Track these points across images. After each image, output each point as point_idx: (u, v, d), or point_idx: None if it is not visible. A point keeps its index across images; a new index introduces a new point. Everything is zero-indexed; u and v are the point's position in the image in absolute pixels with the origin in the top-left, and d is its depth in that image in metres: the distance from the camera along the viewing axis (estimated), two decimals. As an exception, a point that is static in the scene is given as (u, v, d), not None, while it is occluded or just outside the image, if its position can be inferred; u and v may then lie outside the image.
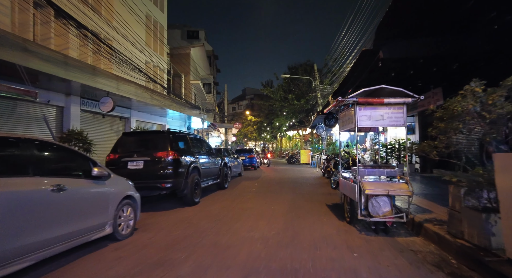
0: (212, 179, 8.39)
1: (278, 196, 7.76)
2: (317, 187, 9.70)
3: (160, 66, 17.79)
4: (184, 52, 21.71)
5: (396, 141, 13.56)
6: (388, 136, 17.10)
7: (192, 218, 5.37)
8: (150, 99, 12.55)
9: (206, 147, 8.47)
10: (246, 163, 17.52)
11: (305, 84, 26.97)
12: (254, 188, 9.56)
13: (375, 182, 4.36)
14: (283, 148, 41.65)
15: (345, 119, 5.24)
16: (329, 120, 15.10)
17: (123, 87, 10.63)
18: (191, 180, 6.50)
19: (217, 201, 7.12)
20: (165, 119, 18.08)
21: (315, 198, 7.46)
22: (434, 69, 6.00)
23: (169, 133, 6.39)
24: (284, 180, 11.93)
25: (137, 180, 5.81)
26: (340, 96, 4.42)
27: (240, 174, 13.84)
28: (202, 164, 7.45)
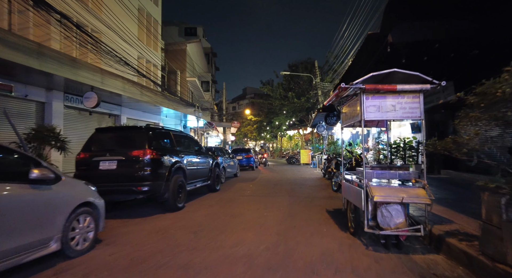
0: (201, 181, 7.64)
1: (273, 200, 6.99)
2: (317, 189, 8.93)
3: (153, 62, 17.05)
4: (180, 48, 20.97)
5: (401, 140, 12.77)
6: (392, 135, 16.31)
7: (170, 228, 4.61)
8: (139, 95, 11.82)
9: (195, 146, 7.71)
10: (243, 163, 16.77)
11: (305, 82, 26.19)
12: (249, 190, 8.79)
13: (386, 186, 3.59)
14: (283, 148, 40.87)
15: (348, 112, 4.47)
16: (330, 118, 14.32)
17: (109, 82, 9.89)
18: (174, 183, 5.74)
19: (204, 206, 6.35)
20: (159, 117, 17.35)
21: (314, 202, 6.69)
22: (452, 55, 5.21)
23: (148, 129, 5.63)
24: (282, 181, 11.16)
25: (109, 183, 5.07)
26: (343, 83, 3.65)
27: (236, 175, 13.08)
28: (189, 164, 6.69)
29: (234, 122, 26.09)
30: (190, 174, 6.76)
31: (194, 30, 30.39)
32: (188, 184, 6.70)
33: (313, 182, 10.95)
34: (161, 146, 5.81)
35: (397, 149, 12.29)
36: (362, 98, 3.65)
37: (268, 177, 13.02)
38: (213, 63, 33.28)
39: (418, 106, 3.61)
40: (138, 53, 15.31)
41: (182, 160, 6.36)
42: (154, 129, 5.85)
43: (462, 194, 6.44)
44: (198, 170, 7.33)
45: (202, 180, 7.71)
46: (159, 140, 5.83)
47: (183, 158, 6.47)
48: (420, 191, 3.45)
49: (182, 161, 6.35)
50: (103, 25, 11.32)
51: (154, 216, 5.44)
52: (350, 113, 4.30)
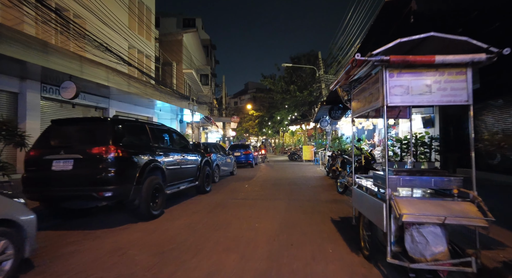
0: (187, 182, 6.66)
1: (269, 205, 5.99)
2: (320, 190, 7.92)
3: (146, 52, 16.01)
4: (175, 39, 19.89)
5: (413, 136, 11.67)
6: (400, 130, 15.19)
7: (134, 245, 3.63)
8: (126, 86, 10.82)
9: (180, 142, 6.71)
10: (242, 160, 15.79)
11: (308, 74, 25.02)
12: (243, 192, 7.80)
13: (417, 199, 2.56)
14: (285, 144, 39.83)
15: (362, 98, 3.43)
16: (334, 112, 13.22)
17: (90, 70, 8.89)
18: (148, 186, 4.76)
19: (186, 213, 5.37)
20: (153, 111, 16.39)
21: (316, 208, 5.68)
22: (491, 27, 4.13)
23: (114, 122, 4.63)
24: (282, 181, 10.15)
25: (63, 187, 4.10)
26: (358, 54, 2.61)
27: (232, 173, 12.10)
28: (170, 164, 5.70)
29: (234, 117, 25.04)
30: (172, 175, 5.77)
31: (192, 21, 29.23)
32: (169, 187, 5.72)
33: (316, 181, 9.93)
34: (132, 142, 4.82)
35: (408, 145, 11.17)
36: (384, 76, 2.60)
37: (267, 175, 12.02)
38: (212, 56, 32.15)
39: (464, 86, 2.55)
40: (128, 42, 14.28)
41: (160, 158, 5.37)
42: (122, 121, 4.84)
43: (497, 199, 5.39)
44: (183, 170, 6.35)
45: (188, 181, 6.73)
46: (129, 134, 4.84)
47: (162, 156, 5.47)
48: (467, 206, 2.41)
49: (160, 160, 5.35)
50: (86, 11, 10.30)
51: (122, 227, 4.47)
52: (365, 99, 3.26)
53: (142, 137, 5.20)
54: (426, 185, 2.70)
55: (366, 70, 2.90)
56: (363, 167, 6.41)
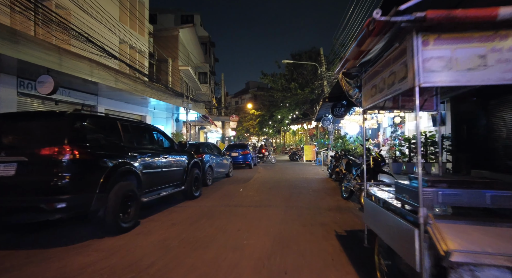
0: (171, 187, 5.85)
1: (263, 214, 5.18)
2: (322, 195, 7.10)
3: (138, 47, 15.24)
4: (171, 34, 19.10)
5: (422, 134, 10.82)
6: (406, 129, 14.32)
7: (78, 276, 2.83)
8: (113, 82, 10.03)
9: (161, 141, 5.90)
10: (240, 161, 14.98)
11: (309, 72, 24.16)
12: (237, 197, 6.99)
13: (469, 225, 1.74)
14: (286, 144, 39.00)
15: (378, 81, 2.60)
16: (337, 109, 12.34)
17: (70, 63, 8.12)
18: (116, 194, 3.96)
19: (164, 225, 4.56)
20: (146, 109, 15.63)
21: (318, 218, 4.86)
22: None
23: (73, 117, 3.82)
24: (280, 183, 9.33)
25: (3, 197, 3.31)
26: (378, 12, 1.79)
27: (228, 174, 11.29)
28: (147, 167, 4.91)
29: (233, 116, 24.23)
30: (150, 180, 4.98)
31: (190, 18, 28.44)
32: (147, 193, 4.93)
33: (317, 184, 9.11)
34: (96, 142, 4.02)
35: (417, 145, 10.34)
36: (415, 44, 1.78)
37: (265, 177, 11.20)
38: (211, 54, 31.34)
39: (536, 56, 1.72)
40: (119, 37, 13.51)
41: (134, 161, 4.57)
42: (85, 116, 4.04)
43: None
44: (165, 173, 5.54)
45: (173, 185, 5.92)
46: (93, 132, 4.04)
47: (138, 158, 4.67)
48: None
49: (135, 163, 4.56)
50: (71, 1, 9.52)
51: (82, 244, 3.67)
52: (383, 82, 2.44)
53: (111, 135, 4.40)
54: (477, 201, 1.87)
55: (386, 40, 2.08)
56: (372, 170, 5.58)
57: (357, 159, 6.79)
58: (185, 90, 21.33)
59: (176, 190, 6.05)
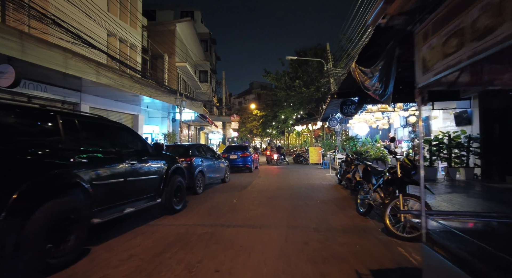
0: (142, 200, 4.61)
1: (256, 240, 3.90)
2: (333, 209, 5.80)
3: (130, 41, 14.11)
4: (168, 29, 17.97)
5: (444, 135, 9.43)
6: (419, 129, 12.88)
7: None
8: (94, 75, 8.87)
9: (128, 143, 4.65)
10: (239, 164, 13.71)
11: (315, 69, 22.84)
12: (227, 212, 5.72)
13: None
14: (290, 145, 37.64)
15: (458, 24, 1.32)
16: (347, 107, 10.99)
17: (36, 51, 6.97)
18: (42, 219, 2.74)
19: (115, 259, 3.29)
20: (139, 108, 14.46)
21: (331, 247, 3.57)
22: None
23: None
24: (282, 191, 8.04)
25: None
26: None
27: (224, 180, 10.02)
28: (102, 176, 3.68)
29: (233, 116, 22.97)
30: (107, 193, 3.75)
31: (191, 14, 27.35)
32: (103, 211, 3.69)
33: (326, 192, 7.79)
34: (11, 143, 2.79)
35: (439, 147, 8.98)
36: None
37: (265, 183, 9.91)
38: (212, 52, 30.21)
39: None
40: (107, 29, 12.39)
41: (80, 168, 3.34)
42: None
43: None
44: (132, 184, 4.30)
45: (144, 198, 4.68)
46: (7, 130, 2.82)
47: (86, 165, 3.44)
48: None
49: (80, 171, 3.33)
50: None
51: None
52: (470, 27, 1.15)
53: (43, 134, 3.18)
54: None
55: None
56: (399, 181, 4.27)
57: (377, 166, 5.48)
58: (183, 89, 20.18)
59: (150, 204, 4.80)
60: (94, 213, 3.55)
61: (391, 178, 4.45)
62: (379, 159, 10.27)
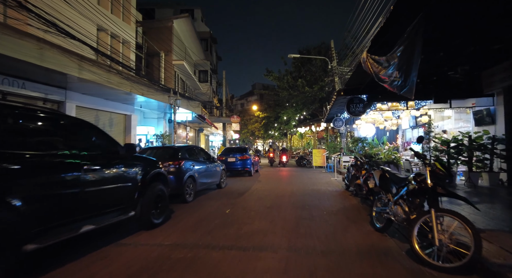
0: (107, 215, 3.72)
1: (247, 270, 2.99)
2: (343, 222, 4.86)
3: (123, 37, 13.32)
4: (164, 26, 17.19)
5: (464, 136, 8.45)
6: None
7: None
8: (76, 70, 8.05)
9: (91, 144, 3.77)
10: (238, 167, 12.81)
11: (319, 68, 21.94)
12: (216, 227, 4.81)
13: None
14: (293, 147, 36.68)
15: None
16: (354, 105, 10.07)
17: (3, 40, 6.16)
18: None
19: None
20: (132, 107, 13.63)
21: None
22: None
23: None
24: (284, 199, 7.12)
25: None
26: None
27: (220, 185, 9.11)
28: (43, 186, 2.81)
29: (233, 116, 22.06)
30: (50, 209, 2.87)
31: (190, 12, 26.60)
32: (46, 232, 2.81)
33: (333, 201, 6.86)
34: None
35: (459, 150, 8.08)
36: None
37: (265, 189, 8.99)
38: (213, 51, 29.44)
39: None
40: (97, 23, 11.60)
41: (5, 180, 2.47)
42: None
43: None
44: (92, 195, 3.42)
45: (112, 212, 3.78)
46: None
47: (17, 175, 2.57)
48: None
49: (5, 183, 2.45)
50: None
51: None
52: None
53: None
54: None
55: None
56: (430, 191, 3.33)
57: (397, 172, 4.55)
58: (181, 88, 19.37)
59: (120, 218, 3.91)
60: (32, 236, 2.66)
61: (419, 188, 3.52)
62: (391, 162, 9.32)
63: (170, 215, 5.37)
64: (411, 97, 4.31)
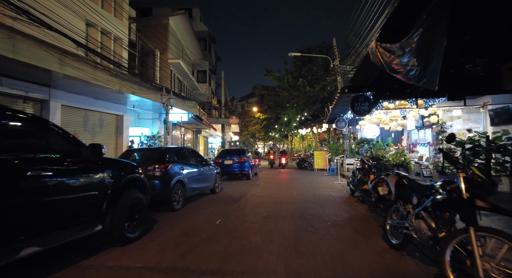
0: (67, 231, 3.03)
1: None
2: (352, 236, 4.15)
3: (114, 33, 12.68)
4: (160, 23, 16.56)
5: (481, 136, 7.72)
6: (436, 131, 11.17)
7: None
8: (56, 65, 7.40)
9: (39, 143, 3.08)
10: (235, 170, 12.10)
11: (320, 67, 21.26)
12: (201, 242, 4.11)
13: None
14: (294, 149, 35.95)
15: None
16: (359, 104, 9.33)
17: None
18: None
19: None
20: (124, 107, 12.99)
21: None
22: None
23: None
24: (283, 206, 6.41)
25: None
26: None
27: (214, 190, 8.40)
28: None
29: (232, 117, 21.36)
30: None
31: (189, 11, 26.05)
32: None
33: (338, 209, 6.13)
34: None
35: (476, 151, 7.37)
36: None
37: (263, 194, 8.27)
38: (212, 51, 28.81)
39: None
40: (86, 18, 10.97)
41: None
42: None
43: None
44: (38, 208, 2.73)
45: (70, 227, 3.09)
46: None
47: None
48: None
49: None
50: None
51: None
52: None
53: None
54: None
55: None
56: (465, 204, 2.62)
57: (419, 179, 3.84)
58: (178, 88, 18.73)
59: (81, 235, 3.21)
60: None
61: (449, 199, 2.81)
62: (400, 165, 8.59)
63: (151, 227, 4.68)
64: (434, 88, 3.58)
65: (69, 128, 9.89)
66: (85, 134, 10.99)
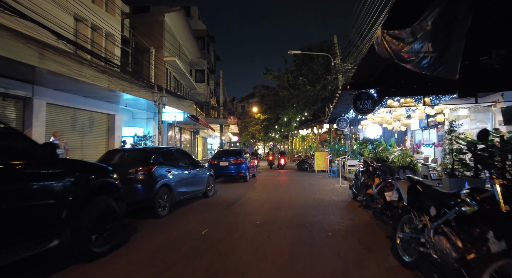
0: (16, 246, 2.47)
1: None
2: (356, 249, 3.58)
3: (106, 29, 12.16)
4: (155, 20, 16.06)
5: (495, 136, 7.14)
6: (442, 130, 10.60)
7: None
8: (35, 59, 6.88)
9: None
10: (232, 172, 11.53)
11: (321, 66, 20.72)
12: (181, 259, 3.54)
13: None
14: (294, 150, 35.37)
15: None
16: (362, 102, 8.74)
17: None
18: None
19: None
20: (117, 106, 12.45)
21: None
22: None
23: None
24: (280, 213, 5.84)
25: None
26: None
27: (207, 194, 7.83)
28: None
29: (230, 117, 20.79)
30: None
31: (187, 10, 25.57)
32: None
33: (340, 215, 5.55)
34: None
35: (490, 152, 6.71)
36: None
37: (259, 199, 7.70)
38: (211, 50, 28.30)
39: None
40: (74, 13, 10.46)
41: None
42: None
43: None
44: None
45: (12, 245, 2.53)
46: None
47: None
48: None
49: None
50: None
51: None
52: None
53: None
54: None
55: None
56: (504, 219, 2.06)
57: (436, 185, 3.27)
58: (174, 87, 18.19)
59: (29, 253, 2.66)
60: None
61: (481, 212, 2.24)
62: (406, 167, 8.02)
63: (128, 237, 4.12)
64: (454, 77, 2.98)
65: (56, 128, 9.35)
66: (73, 134, 10.46)
